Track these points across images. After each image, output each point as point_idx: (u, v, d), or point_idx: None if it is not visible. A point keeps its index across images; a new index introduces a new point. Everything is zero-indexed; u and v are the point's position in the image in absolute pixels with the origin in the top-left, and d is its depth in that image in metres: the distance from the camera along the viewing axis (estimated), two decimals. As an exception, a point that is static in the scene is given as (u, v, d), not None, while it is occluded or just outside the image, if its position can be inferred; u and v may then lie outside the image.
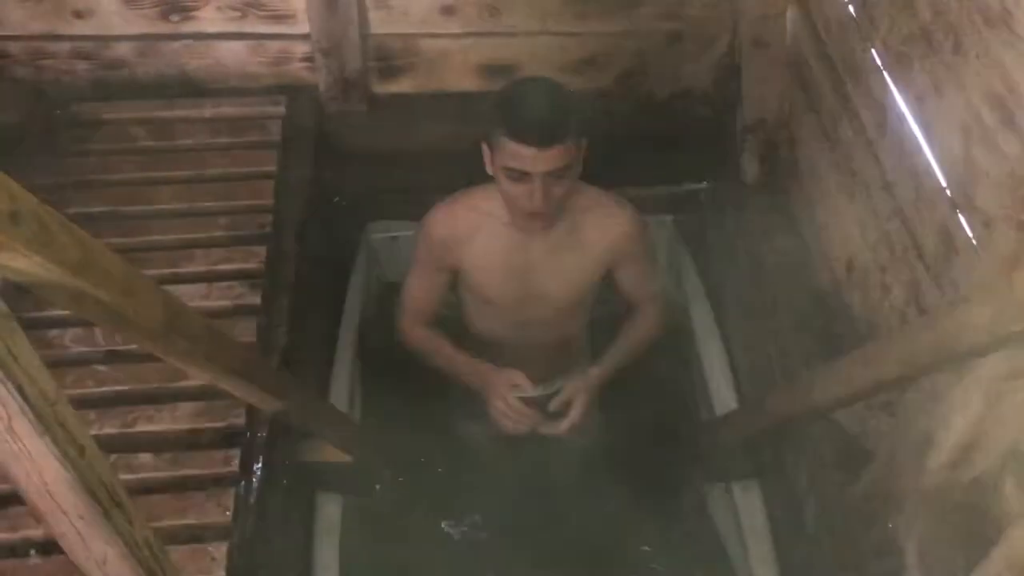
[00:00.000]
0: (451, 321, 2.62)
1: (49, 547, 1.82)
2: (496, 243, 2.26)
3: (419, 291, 2.47)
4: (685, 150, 3.17)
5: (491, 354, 2.47)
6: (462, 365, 2.46)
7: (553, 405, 2.38)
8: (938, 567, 1.75)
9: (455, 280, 2.44)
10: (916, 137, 2.07)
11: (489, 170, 2.11)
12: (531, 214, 2.10)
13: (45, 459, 0.94)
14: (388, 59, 2.97)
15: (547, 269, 2.27)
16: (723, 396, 2.79)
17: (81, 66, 2.89)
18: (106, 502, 1.02)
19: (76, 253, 0.90)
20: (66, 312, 1.15)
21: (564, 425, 2.36)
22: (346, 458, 2.43)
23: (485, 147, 2.08)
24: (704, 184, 3.17)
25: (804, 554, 2.37)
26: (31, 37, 2.82)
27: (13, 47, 2.84)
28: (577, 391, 2.38)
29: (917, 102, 2.05)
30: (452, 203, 2.34)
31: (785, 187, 2.85)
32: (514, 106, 2.01)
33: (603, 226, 2.31)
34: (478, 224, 2.28)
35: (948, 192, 1.92)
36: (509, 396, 2.32)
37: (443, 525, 2.86)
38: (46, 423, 0.91)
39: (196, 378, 1.84)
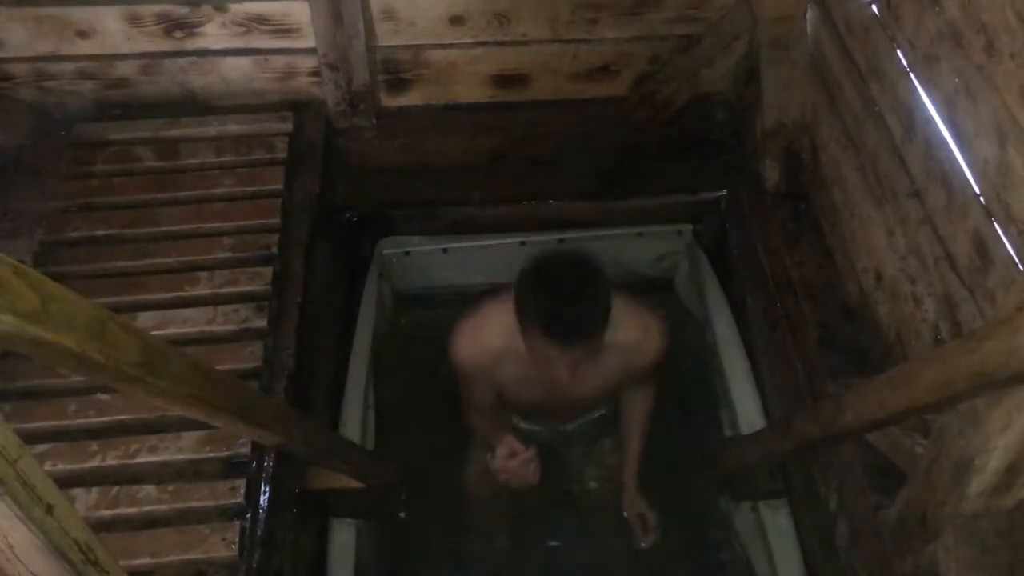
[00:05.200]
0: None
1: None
2: (524, 367, 2.23)
3: (472, 399, 2.47)
4: (703, 157, 3.08)
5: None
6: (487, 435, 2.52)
7: (645, 543, 2.53)
8: (980, 599, 1.65)
9: None
10: (946, 141, 1.96)
11: (517, 327, 2.06)
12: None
13: (8, 521, 0.86)
14: (396, 72, 2.91)
15: (579, 380, 2.20)
16: (749, 412, 2.70)
17: (85, 86, 2.84)
18: (79, 563, 0.95)
19: (32, 300, 0.83)
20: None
21: (651, 539, 2.53)
22: (358, 484, 2.36)
23: (515, 305, 2.03)
24: (723, 192, 3.08)
25: (835, 577, 2.27)
26: (34, 58, 2.78)
27: (16, 68, 2.80)
28: (637, 505, 2.54)
29: (946, 104, 1.94)
30: (476, 328, 2.29)
31: (808, 194, 2.75)
32: (546, 304, 1.95)
33: (635, 340, 2.28)
34: (504, 351, 2.23)
35: (982, 199, 1.82)
36: (499, 459, 2.38)
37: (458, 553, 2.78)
38: (6, 483, 0.84)
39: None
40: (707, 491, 2.79)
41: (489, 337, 2.25)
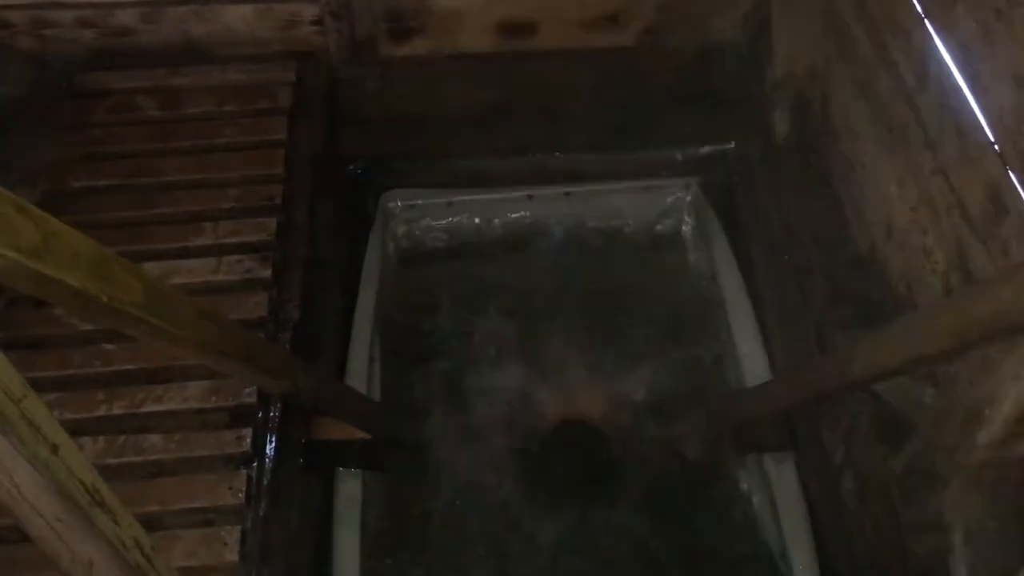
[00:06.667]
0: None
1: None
2: None
3: None
4: (712, 109, 3.04)
5: None
6: None
7: None
8: (988, 548, 1.65)
9: None
10: (961, 89, 1.93)
11: None
12: None
13: (13, 460, 0.86)
14: (400, 20, 2.85)
15: None
16: (755, 366, 2.69)
17: (85, 35, 2.79)
18: (86, 503, 0.94)
19: (34, 236, 0.81)
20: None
21: None
22: (365, 435, 2.36)
23: None
24: (732, 144, 3.04)
25: (841, 529, 2.27)
26: (33, 6, 2.73)
27: (15, 16, 2.75)
28: None
29: (962, 51, 1.90)
30: None
31: (818, 146, 2.71)
32: None
33: None
34: None
35: (997, 147, 1.79)
36: None
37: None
38: (11, 422, 0.83)
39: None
40: (712, 444, 2.78)
41: None
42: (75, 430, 1.99)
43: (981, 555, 1.67)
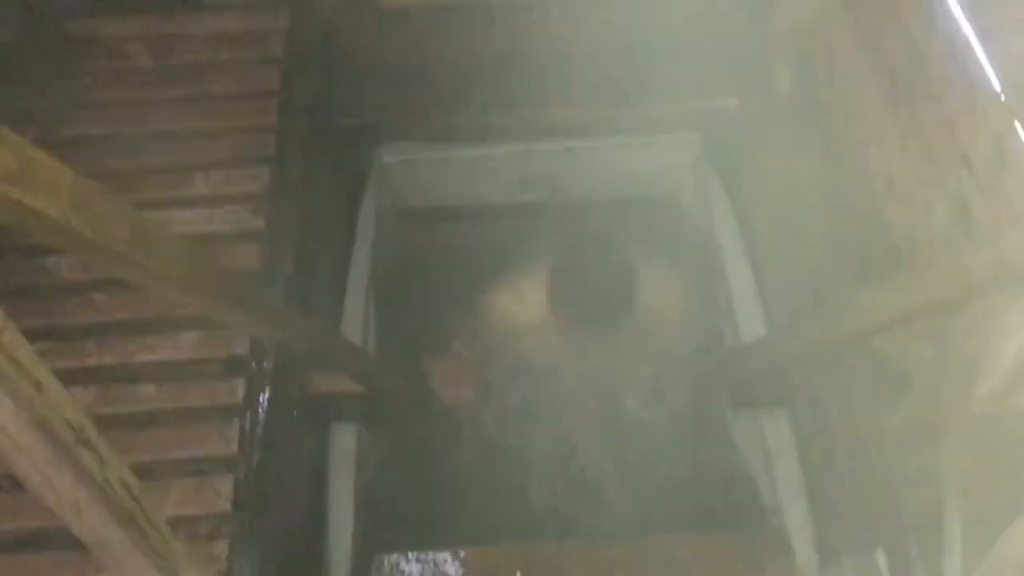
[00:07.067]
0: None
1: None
2: None
3: None
4: (713, 63, 2.98)
5: None
6: None
7: None
8: (982, 501, 1.64)
9: None
10: (968, 40, 1.88)
11: None
12: None
13: (-5, 396, 0.83)
14: (397, -34, 2.79)
15: None
16: (751, 320, 2.68)
17: (74, -21, 2.73)
18: (71, 442, 0.92)
19: (9, 161, 0.78)
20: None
21: None
22: (360, 389, 2.34)
23: None
24: (733, 99, 2.99)
25: (835, 483, 2.27)
26: (22, -50, 2.66)
27: (2, -39, 2.69)
28: None
29: (971, 1, 1.86)
30: None
31: (820, 100, 2.66)
32: None
33: None
34: None
35: (1003, 98, 1.75)
36: None
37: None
38: (-9, 356, 0.80)
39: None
40: (708, 399, 2.78)
41: None
42: (66, 380, 1.97)
43: (975, 508, 1.66)
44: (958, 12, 1.92)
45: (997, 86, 1.78)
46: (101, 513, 0.99)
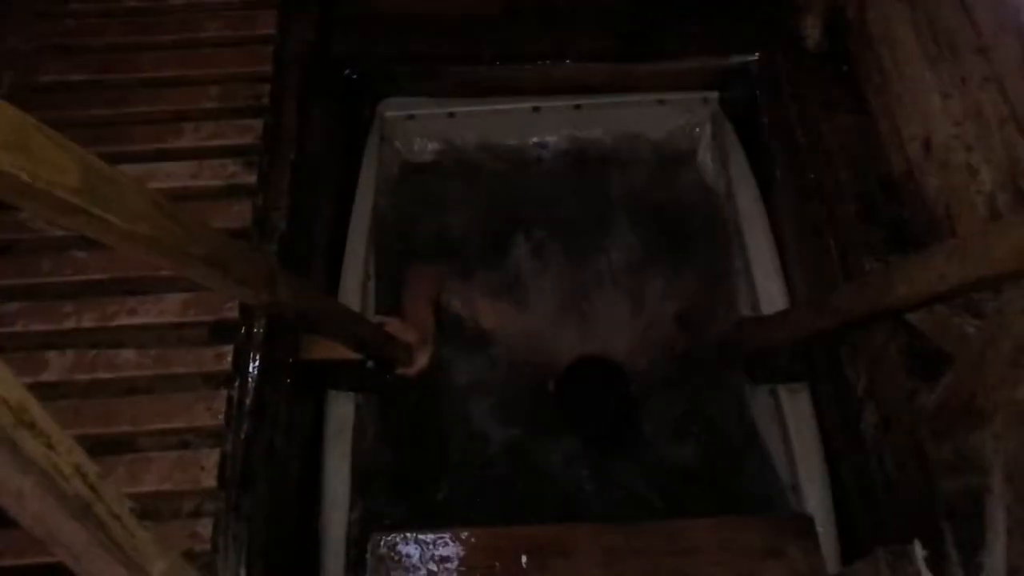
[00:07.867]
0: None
1: None
2: None
3: None
4: (735, 16, 2.83)
5: None
6: None
7: None
8: (1030, 491, 1.52)
9: None
10: (1023, -14, 1.73)
11: None
12: None
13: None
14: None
15: None
16: (771, 292, 2.54)
17: (57, -86, 2.56)
18: (9, 424, 0.79)
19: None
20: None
21: None
22: (357, 356, 2.21)
23: None
24: (756, 55, 2.83)
25: (859, 466, 2.14)
26: None
27: None
28: None
29: (1028, -58, 1.70)
30: None
31: (852, 55, 2.50)
32: None
33: None
34: None
35: (1064, 50, 1.60)
36: None
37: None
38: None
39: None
40: (723, 373, 2.65)
41: None
42: (42, 343, 1.86)
43: (1021, 496, 1.54)
44: (1013, -43, 1.76)
45: (1056, 38, 1.63)
46: (49, 503, 0.86)
